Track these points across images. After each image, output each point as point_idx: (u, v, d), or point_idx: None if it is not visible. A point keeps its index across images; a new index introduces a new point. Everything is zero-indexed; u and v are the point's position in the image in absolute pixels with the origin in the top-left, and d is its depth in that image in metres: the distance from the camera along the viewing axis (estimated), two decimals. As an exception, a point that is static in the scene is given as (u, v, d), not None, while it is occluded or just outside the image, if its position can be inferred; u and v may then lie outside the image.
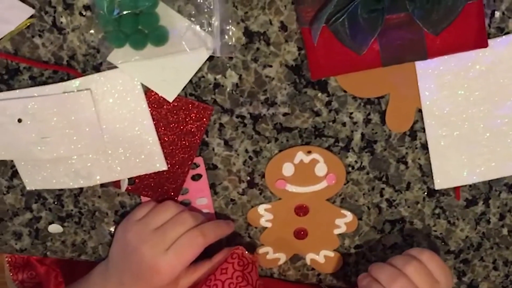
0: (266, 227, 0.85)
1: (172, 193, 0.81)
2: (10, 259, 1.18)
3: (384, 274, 0.74)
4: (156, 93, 0.76)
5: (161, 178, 0.81)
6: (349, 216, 0.83)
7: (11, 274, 1.18)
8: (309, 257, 0.87)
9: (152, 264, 0.76)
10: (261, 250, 0.86)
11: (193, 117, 0.77)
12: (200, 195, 0.83)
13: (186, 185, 0.82)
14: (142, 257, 0.76)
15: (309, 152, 0.79)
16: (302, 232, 0.85)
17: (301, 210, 0.83)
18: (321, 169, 0.80)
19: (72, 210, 0.85)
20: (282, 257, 0.87)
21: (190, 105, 0.77)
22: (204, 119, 0.77)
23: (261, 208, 0.84)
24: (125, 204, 0.84)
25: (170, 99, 0.76)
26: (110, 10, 0.71)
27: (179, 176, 0.80)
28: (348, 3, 0.66)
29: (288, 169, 0.80)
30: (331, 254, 0.86)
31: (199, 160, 0.80)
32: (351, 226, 0.84)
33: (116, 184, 0.82)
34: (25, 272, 1.13)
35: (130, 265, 0.78)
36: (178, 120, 0.78)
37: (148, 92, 0.76)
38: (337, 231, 0.84)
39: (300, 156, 0.79)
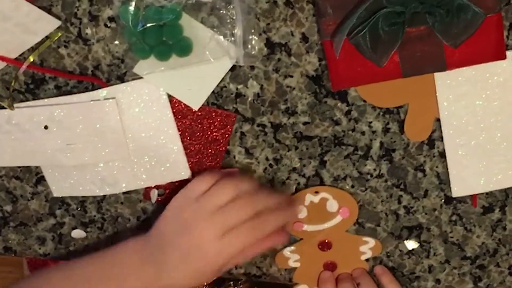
0: (296, 267, 0.87)
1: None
2: (29, 260, 1.20)
3: None
4: (180, 104, 0.78)
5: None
6: (371, 241, 0.85)
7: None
8: None
9: (202, 247, 0.72)
10: None
11: (217, 125, 0.79)
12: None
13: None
14: (194, 237, 0.73)
15: (317, 192, 0.82)
16: (331, 264, 0.87)
17: (325, 246, 0.85)
18: (332, 205, 0.83)
19: (95, 216, 0.87)
20: None
21: (214, 114, 0.79)
22: (228, 127, 0.79)
23: (286, 251, 0.87)
24: (147, 210, 0.86)
25: (196, 108, 0.78)
26: (135, 23, 0.72)
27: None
28: (369, 16, 0.67)
29: (301, 212, 0.83)
30: None
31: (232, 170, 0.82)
32: (376, 250, 0.86)
33: (147, 196, 0.84)
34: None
35: (179, 245, 0.74)
36: (203, 129, 0.79)
37: (171, 102, 0.78)
38: (364, 257, 0.86)
39: (309, 197, 0.82)
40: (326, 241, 0.85)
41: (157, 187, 0.84)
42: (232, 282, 0.98)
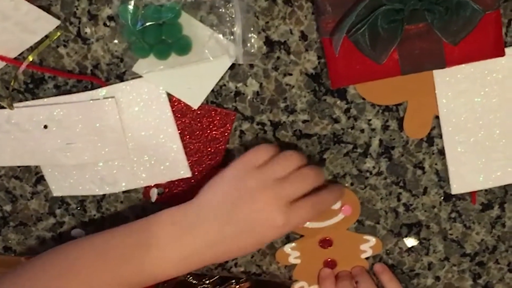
0: (296, 264, 0.87)
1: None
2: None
3: None
4: (179, 102, 0.78)
5: (190, 186, 0.82)
6: (372, 240, 0.85)
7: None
8: None
9: (272, 216, 0.72)
10: (297, 285, 0.89)
11: (217, 124, 0.79)
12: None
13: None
14: (260, 206, 0.72)
15: None
16: (331, 262, 0.87)
17: (325, 243, 0.85)
18: None
19: (94, 215, 0.87)
20: None
21: (213, 112, 0.79)
22: (228, 125, 0.79)
23: (287, 248, 0.86)
24: (146, 209, 0.86)
25: (195, 107, 0.78)
26: (134, 22, 0.72)
27: (207, 183, 0.82)
28: (368, 14, 0.68)
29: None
30: None
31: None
32: (376, 248, 0.86)
33: (146, 195, 0.84)
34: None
35: (242, 213, 0.72)
36: (202, 128, 0.79)
37: (171, 101, 0.78)
38: (364, 255, 0.86)
39: None
40: (327, 238, 0.85)
41: (156, 186, 0.84)
42: (234, 281, 0.99)
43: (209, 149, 0.80)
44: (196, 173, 0.82)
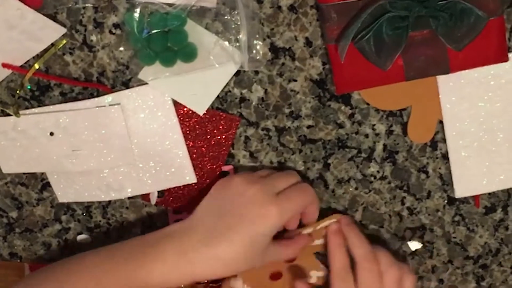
0: None
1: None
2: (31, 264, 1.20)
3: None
4: (184, 107, 0.78)
5: (190, 189, 0.83)
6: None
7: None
8: None
9: (264, 207, 0.72)
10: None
11: (221, 128, 0.80)
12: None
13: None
14: (251, 197, 0.73)
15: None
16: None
17: (276, 276, 0.82)
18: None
19: (100, 221, 0.88)
20: None
21: (218, 117, 0.79)
22: (232, 130, 0.80)
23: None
24: (152, 215, 0.86)
25: (201, 113, 0.79)
26: (140, 30, 0.73)
27: (207, 187, 0.82)
28: (373, 21, 0.68)
29: None
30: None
31: (228, 168, 0.83)
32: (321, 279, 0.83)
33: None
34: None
35: (232, 209, 0.73)
36: (206, 132, 0.80)
37: (176, 106, 0.79)
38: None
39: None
40: (277, 271, 0.82)
41: (158, 188, 0.84)
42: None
43: (212, 153, 0.81)
44: (198, 177, 0.82)
